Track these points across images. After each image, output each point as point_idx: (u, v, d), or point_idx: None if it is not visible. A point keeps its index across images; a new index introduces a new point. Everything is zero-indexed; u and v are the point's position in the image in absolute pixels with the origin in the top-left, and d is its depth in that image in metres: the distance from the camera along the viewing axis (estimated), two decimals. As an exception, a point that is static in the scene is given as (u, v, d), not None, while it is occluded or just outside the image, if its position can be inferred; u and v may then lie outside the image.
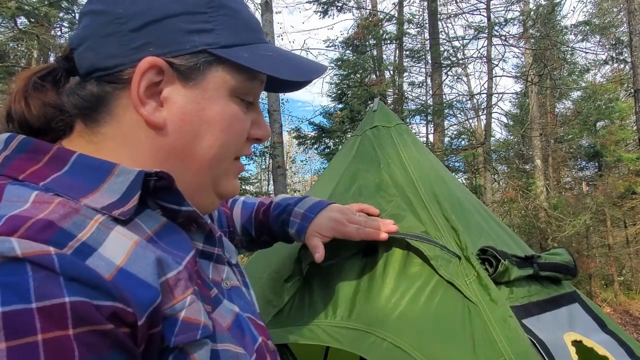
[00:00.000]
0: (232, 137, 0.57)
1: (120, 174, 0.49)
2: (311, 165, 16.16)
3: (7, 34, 6.69)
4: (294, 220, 0.90)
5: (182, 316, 0.46)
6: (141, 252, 0.45)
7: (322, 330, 0.84)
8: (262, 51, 0.57)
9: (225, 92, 0.55)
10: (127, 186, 0.48)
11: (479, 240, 0.97)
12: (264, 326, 0.63)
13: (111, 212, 0.46)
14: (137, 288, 0.42)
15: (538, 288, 0.95)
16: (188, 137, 0.54)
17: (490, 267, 0.88)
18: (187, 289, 0.48)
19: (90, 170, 0.49)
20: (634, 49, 5.70)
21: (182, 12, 0.52)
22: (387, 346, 0.78)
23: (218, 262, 0.60)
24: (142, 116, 0.52)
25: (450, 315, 0.81)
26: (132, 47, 0.51)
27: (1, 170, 0.48)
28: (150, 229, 0.50)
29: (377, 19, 9.46)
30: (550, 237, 9.52)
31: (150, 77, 0.51)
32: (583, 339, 0.88)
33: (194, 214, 0.54)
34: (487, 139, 9.12)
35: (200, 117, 0.54)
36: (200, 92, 0.54)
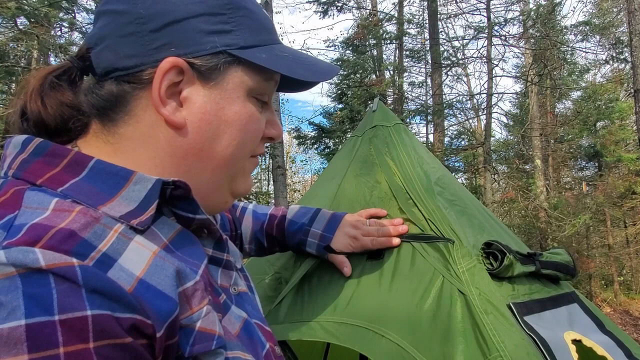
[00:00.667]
0: (249, 136, 0.58)
1: (137, 181, 0.49)
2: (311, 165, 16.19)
3: (7, 34, 6.69)
4: (312, 241, 0.92)
5: (198, 326, 0.46)
6: (160, 263, 0.45)
7: (320, 326, 0.84)
8: (279, 52, 0.58)
9: (243, 92, 0.56)
10: (145, 194, 0.48)
11: (481, 236, 0.97)
12: (271, 332, 0.63)
13: (129, 221, 0.46)
14: (156, 299, 0.42)
15: (539, 286, 0.95)
16: (207, 137, 0.54)
17: (495, 261, 0.87)
18: (204, 299, 0.48)
19: (108, 177, 0.49)
20: (634, 49, 5.70)
21: (202, 13, 0.52)
22: (385, 343, 0.78)
23: (227, 268, 0.60)
24: (163, 116, 0.52)
25: (448, 310, 0.81)
26: (153, 47, 0.51)
27: (19, 174, 0.48)
28: (166, 237, 0.50)
29: (377, 19, 9.46)
30: (550, 237, 9.53)
31: (171, 78, 0.51)
32: (582, 339, 0.88)
33: (207, 221, 0.54)
34: (487, 139, 9.12)
35: (219, 116, 0.54)
36: (219, 92, 0.54)
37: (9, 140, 0.51)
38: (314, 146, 10.49)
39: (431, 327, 0.80)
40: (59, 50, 7.15)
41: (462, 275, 0.85)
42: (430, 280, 0.87)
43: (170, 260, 0.46)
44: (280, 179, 7.07)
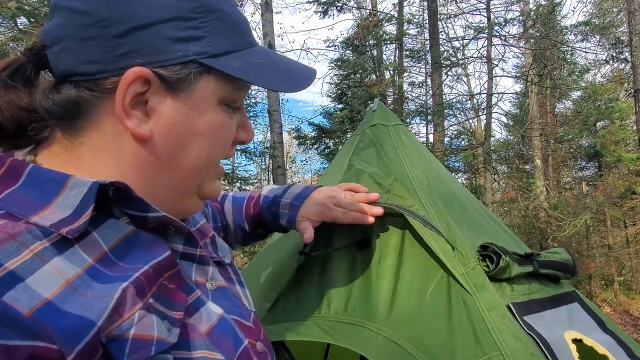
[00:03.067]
0: (219, 144, 0.56)
1: (74, 186, 0.46)
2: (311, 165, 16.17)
3: (7, 34, 6.69)
4: (283, 211, 0.91)
5: (132, 334, 0.43)
6: (71, 293, 0.41)
7: (316, 325, 0.84)
8: (253, 58, 0.55)
9: (214, 102, 0.53)
10: (81, 199, 0.45)
11: (478, 238, 0.97)
12: (253, 327, 0.60)
13: (59, 229, 0.43)
14: (64, 320, 0.39)
15: (538, 286, 0.95)
16: (176, 149, 0.52)
17: (491, 264, 0.88)
18: (135, 304, 0.44)
19: (43, 184, 0.46)
20: (634, 49, 5.69)
21: (171, 18, 0.49)
22: (382, 340, 0.78)
23: (201, 263, 0.59)
24: (128, 128, 0.49)
25: (445, 306, 0.81)
26: (116, 54, 0.47)
27: None
28: (107, 244, 0.47)
29: (377, 19, 9.46)
30: (550, 237, 9.52)
31: (136, 88, 0.48)
32: (583, 338, 0.88)
33: (164, 219, 0.52)
34: (487, 139, 9.12)
35: (188, 127, 0.52)
36: (189, 103, 0.51)
37: None
38: (314, 146, 10.49)
39: (429, 323, 0.80)
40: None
41: (462, 276, 0.85)
42: (430, 274, 0.87)
43: (84, 288, 0.42)
44: (280, 179, 7.07)
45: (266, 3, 6.73)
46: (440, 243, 0.88)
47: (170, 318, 0.47)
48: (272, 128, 6.75)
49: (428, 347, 0.76)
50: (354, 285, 0.89)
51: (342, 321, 0.83)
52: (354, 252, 0.94)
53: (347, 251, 0.94)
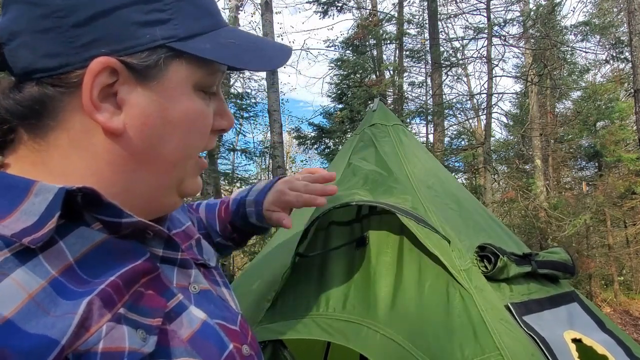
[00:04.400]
0: (197, 134, 0.53)
1: (39, 192, 0.43)
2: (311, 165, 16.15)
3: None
4: (250, 209, 0.89)
5: (101, 348, 0.40)
6: (33, 309, 0.38)
7: (315, 324, 0.84)
8: (224, 39, 0.51)
9: (188, 89, 0.50)
10: (46, 207, 0.42)
11: (476, 238, 0.97)
12: (239, 331, 0.58)
13: (22, 239, 0.40)
14: (24, 341, 0.36)
15: (537, 286, 0.95)
16: (151, 141, 0.49)
17: (489, 264, 0.88)
18: (103, 316, 0.41)
19: (8, 190, 0.43)
20: (634, 49, 5.69)
21: (133, 2, 0.45)
22: (380, 338, 0.78)
23: (183, 267, 0.56)
24: (99, 122, 0.46)
25: (444, 304, 0.81)
26: (78, 44, 0.44)
27: None
28: (74, 254, 0.44)
29: (377, 19, 9.46)
30: (550, 237, 9.51)
31: (103, 80, 0.45)
32: (582, 338, 0.88)
33: (139, 224, 0.48)
34: (487, 139, 9.11)
35: (163, 118, 0.49)
36: (162, 91, 0.48)
37: None
38: (314, 146, 10.49)
39: (428, 321, 0.80)
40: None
41: (460, 274, 0.85)
42: (428, 272, 0.87)
43: (47, 302, 0.39)
44: (280, 179, 7.06)
45: (266, 3, 6.73)
46: (435, 239, 0.88)
47: (145, 326, 0.45)
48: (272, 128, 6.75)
49: (427, 345, 0.76)
50: (353, 283, 0.89)
51: (341, 319, 0.83)
52: (352, 251, 0.94)
53: (345, 250, 0.94)
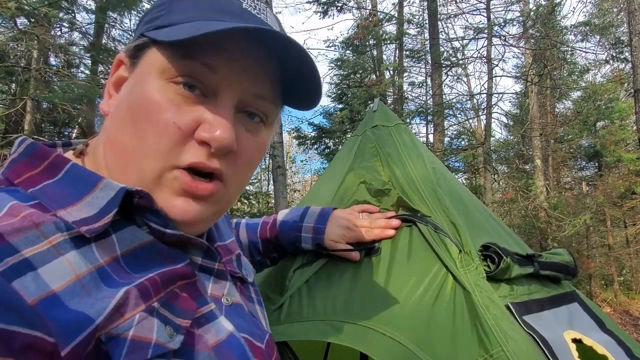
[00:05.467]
0: (152, 126, 0.48)
1: (103, 188, 0.48)
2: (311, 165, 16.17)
3: (7, 34, 6.69)
4: (307, 235, 0.92)
5: (131, 335, 0.42)
6: (78, 289, 0.41)
7: (322, 326, 0.84)
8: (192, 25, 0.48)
9: (154, 75, 0.49)
10: (107, 202, 0.47)
11: (480, 237, 0.97)
12: (264, 349, 0.59)
13: (80, 227, 0.44)
14: (64, 315, 0.39)
15: (538, 287, 0.95)
16: (114, 124, 0.52)
17: (492, 264, 0.88)
18: (138, 306, 0.44)
19: (77, 182, 0.49)
20: (634, 49, 5.70)
21: (152, 8, 0.54)
22: (386, 341, 0.78)
23: (219, 277, 0.58)
24: (100, 108, 0.55)
25: (449, 306, 0.81)
26: None
27: (5, 172, 0.49)
28: (122, 249, 0.47)
29: (377, 19, 9.46)
30: (550, 237, 9.52)
31: (119, 73, 0.55)
32: (583, 338, 0.88)
33: (183, 237, 0.51)
34: (487, 139, 9.12)
35: (128, 101, 0.51)
36: (135, 76, 0.52)
37: None
38: (314, 146, 10.50)
39: (432, 322, 0.80)
40: (59, 50, 7.14)
41: (464, 276, 0.85)
42: (432, 272, 0.87)
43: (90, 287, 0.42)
44: (280, 179, 7.07)
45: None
46: (448, 244, 0.89)
47: (174, 324, 0.47)
48: (272, 128, 6.74)
49: (432, 346, 0.76)
50: (359, 286, 0.89)
51: (347, 322, 0.83)
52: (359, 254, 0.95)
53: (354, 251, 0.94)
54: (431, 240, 0.89)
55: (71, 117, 7.48)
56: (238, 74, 0.51)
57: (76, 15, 7.93)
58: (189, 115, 0.49)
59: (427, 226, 0.90)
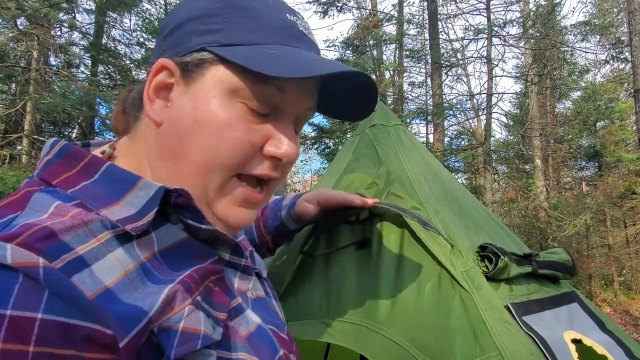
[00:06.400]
0: (224, 144, 0.51)
1: (142, 187, 0.50)
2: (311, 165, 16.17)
3: (7, 34, 6.69)
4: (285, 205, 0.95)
5: (181, 327, 0.45)
6: (127, 284, 0.43)
7: (317, 325, 0.84)
8: (270, 51, 0.51)
9: (223, 93, 0.52)
10: (147, 201, 0.49)
11: (477, 238, 0.97)
12: (287, 339, 0.62)
13: (125, 225, 0.46)
14: (121, 308, 0.41)
15: (537, 286, 0.95)
16: (178, 136, 0.52)
17: (489, 264, 0.88)
18: (185, 300, 0.47)
19: (116, 182, 0.50)
20: (634, 49, 5.69)
21: (200, 16, 0.53)
22: (381, 339, 0.78)
23: (245, 273, 0.62)
24: (145, 113, 0.54)
25: (445, 305, 0.81)
26: (160, 51, 0.55)
27: (40, 174, 0.50)
28: (159, 246, 0.49)
29: (377, 19, 9.46)
30: (550, 237, 9.52)
31: (162, 78, 0.54)
32: (582, 338, 0.88)
33: (215, 233, 0.54)
34: (487, 139, 9.11)
35: (193, 116, 0.52)
36: (197, 90, 0.52)
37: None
38: (314, 146, 10.50)
39: (429, 322, 0.79)
40: (59, 50, 7.15)
41: (460, 275, 0.85)
42: (429, 273, 0.86)
43: (137, 282, 0.44)
44: (280, 179, 7.07)
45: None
46: (439, 242, 0.88)
47: (214, 317, 0.49)
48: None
49: (427, 346, 0.76)
50: (354, 285, 0.89)
51: (342, 320, 0.83)
52: (353, 252, 0.94)
53: (347, 251, 0.94)
54: (423, 237, 0.88)
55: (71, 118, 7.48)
56: (301, 93, 0.56)
57: (76, 15, 7.93)
58: (259, 133, 0.53)
59: (415, 221, 0.89)
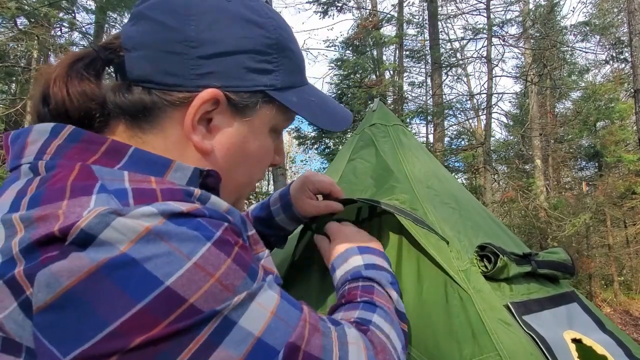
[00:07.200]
0: (261, 166, 0.63)
1: (177, 169, 0.52)
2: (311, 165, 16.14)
3: (7, 34, 6.69)
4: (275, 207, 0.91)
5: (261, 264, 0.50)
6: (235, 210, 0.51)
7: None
8: (307, 95, 0.61)
9: (267, 129, 0.60)
10: (186, 182, 0.52)
11: (476, 238, 0.97)
12: None
13: None
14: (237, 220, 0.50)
15: (537, 286, 0.95)
16: (229, 164, 0.58)
17: (489, 264, 0.88)
18: (263, 247, 0.54)
19: (148, 165, 0.50)
20: (634, 49, 5.69)
21: (250, 50, 0.54)
22: None
23: None
24: (193, 142, 0.54)
25: (443, 305, 0.81)
26: (197, 72, 0.52)
27: (57, 159, 0.48)
28: None
29: (377, 19, 9.46)
30: (550, 237, 9.52)
31: (207, 107, 0.53)
32: (582, 338, 0.88)
33: None
34: (487, 139, 9.12)
35: (242, 149, 0.58)
36: (249, 127, 0.57)
37: (28, 128, 0.51)
38: (314, 146, 10.50)
39: (427, 322, 0.79)
40: (59, 50, 7.14)
41: (459, 275, 0.84)
42: (427, 273, 0.86)
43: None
44: (280, 179, 7.07)
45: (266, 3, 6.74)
46: (433, 240, 0.88)
47: None
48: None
49: (425, 345, 0.76)
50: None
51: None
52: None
53: None
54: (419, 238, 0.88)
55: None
56: None
57: (76, 15, 7.93)
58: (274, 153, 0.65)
59: (409, 220, 0.88)
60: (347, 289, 0.70)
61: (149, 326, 0.37)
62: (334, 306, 0.69)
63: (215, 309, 0.40)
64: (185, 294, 0.39)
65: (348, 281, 0.72)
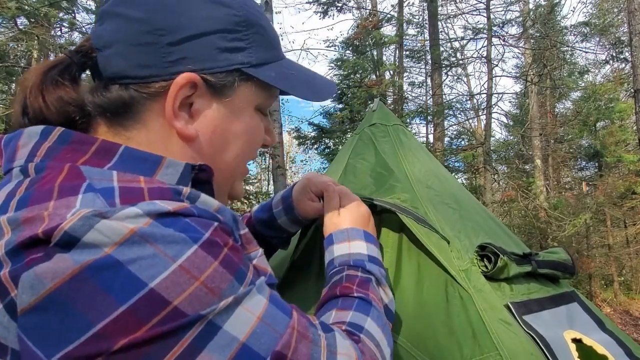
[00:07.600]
0: (252, 146, 0.62)
1: (169, 165, 0.52)
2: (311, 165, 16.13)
3: (7, 34, 6.69)
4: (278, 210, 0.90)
5: (254, 263, 0.50)
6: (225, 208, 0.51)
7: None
8: (285, 69, 0.61)
9: (251, 107, 0.60)
10: (178, 177, 0.52)
11: (476, 237, 0.97)
12: None
13: None
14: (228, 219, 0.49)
15: (537, 286, 0.95)
16: (216, 148, 0.58)
17: (489, 263, 0.88)
18: (255, 244, 0.53)
19: (139, 162, 0.50)
20: (634, 49, 5.69)
21: (219, 30, 0.54)
22: None
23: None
24: (176, 129, 0.54)
25: (443, 304, 0.81)
26: (169, 60, 0.52)
27: (47, 161, 0.48)
28: None
29: (377, 19, 9.46)
30: (550, 237, 9.51)
31: (185, 92, 0.53)
32: (583, 337, 0.88)
33: None
34: (487, 139, 9.11)
35: (229, 130, 0.58)
36: (230, 107, 0.57)
37: (18, 132, 0.51)
38: (314, 146, 10.49)
39: (428, 322, 0.79)
40: (59, 50, 7.14)
41: (459, 274, 0.84)
42: (428, 272, 0.86)
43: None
44: (280, 179, 7.07)
45: (266, 3, 6.73)
46: (434, 239, 0.88)
47: None
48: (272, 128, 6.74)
49: (425, 345, 0.76)
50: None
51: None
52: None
53: None
54: (420, 237, 0.88)
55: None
56: None
57: (76, 15, 7.93)
58: (263, 131, 0.64)
59: (410, 218, 0.88)
60: (345, 275, 0.70)
61: (132, 328, 0.37)
62: (326, 295, 0.69)
63: (200, 313, 0.40)
64: (169, 297, 0.38)
65: (348, 265, 0.72)
